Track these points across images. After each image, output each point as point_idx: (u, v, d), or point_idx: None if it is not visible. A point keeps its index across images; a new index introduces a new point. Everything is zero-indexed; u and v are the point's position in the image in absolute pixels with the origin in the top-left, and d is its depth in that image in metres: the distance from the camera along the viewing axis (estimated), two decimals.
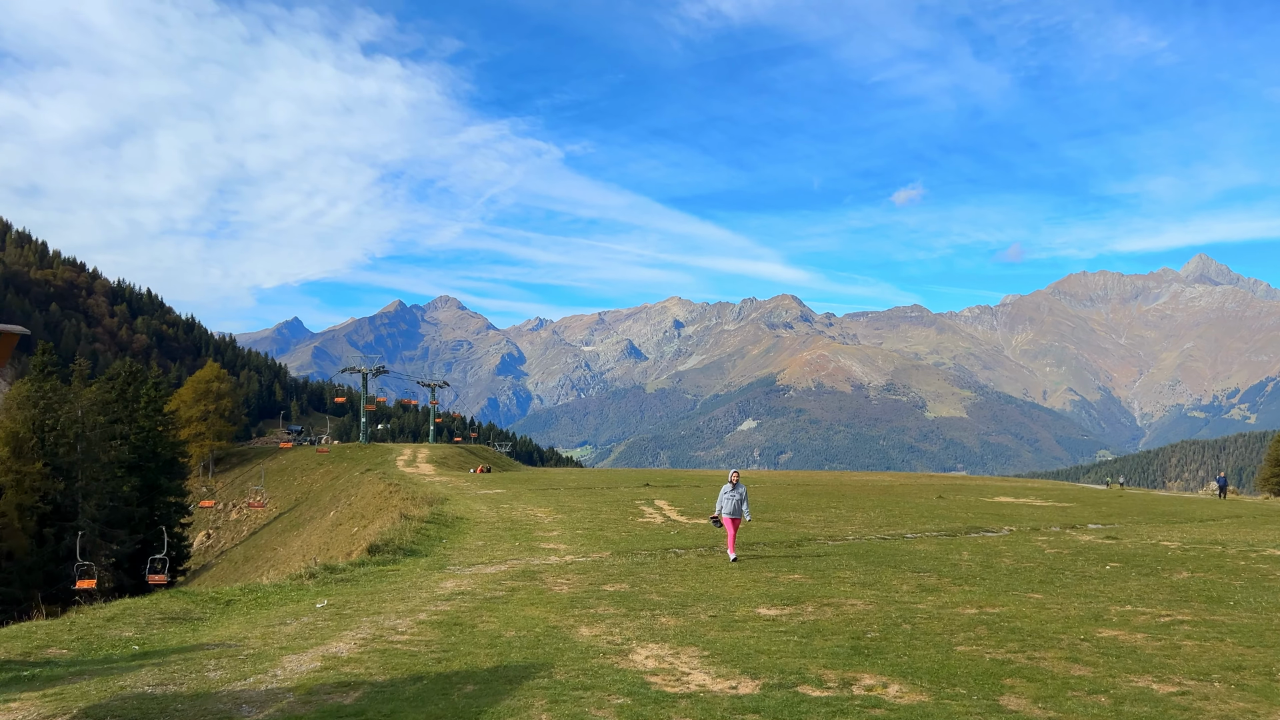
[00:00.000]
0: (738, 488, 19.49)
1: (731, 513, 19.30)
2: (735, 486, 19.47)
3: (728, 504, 19.27)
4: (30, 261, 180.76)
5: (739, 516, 19.41)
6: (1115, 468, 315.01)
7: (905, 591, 14.54)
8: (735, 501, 19.31)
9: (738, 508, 19.34)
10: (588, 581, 15.36)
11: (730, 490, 19.42)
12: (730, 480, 19.70)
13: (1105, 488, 76.07)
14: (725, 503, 19.32)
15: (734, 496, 19.33)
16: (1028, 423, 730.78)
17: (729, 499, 19.30)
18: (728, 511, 19.28)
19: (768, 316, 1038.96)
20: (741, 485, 19.64)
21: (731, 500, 19.30)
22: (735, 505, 19.31)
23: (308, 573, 15.23)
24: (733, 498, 19.31)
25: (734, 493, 19.36)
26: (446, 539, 22.15)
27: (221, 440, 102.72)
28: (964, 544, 22.41)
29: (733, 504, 19.28)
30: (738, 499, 19.35)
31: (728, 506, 19.27)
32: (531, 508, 33.01)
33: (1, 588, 54.08)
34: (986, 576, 16.43)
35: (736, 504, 19.32)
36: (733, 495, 19.33)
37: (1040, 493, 51.99)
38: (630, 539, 22.77)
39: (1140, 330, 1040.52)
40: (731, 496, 19.32)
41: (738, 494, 19.39)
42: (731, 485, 19.49)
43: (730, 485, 19.50)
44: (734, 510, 19.31)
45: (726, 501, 19.29)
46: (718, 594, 14.09)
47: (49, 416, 61.81)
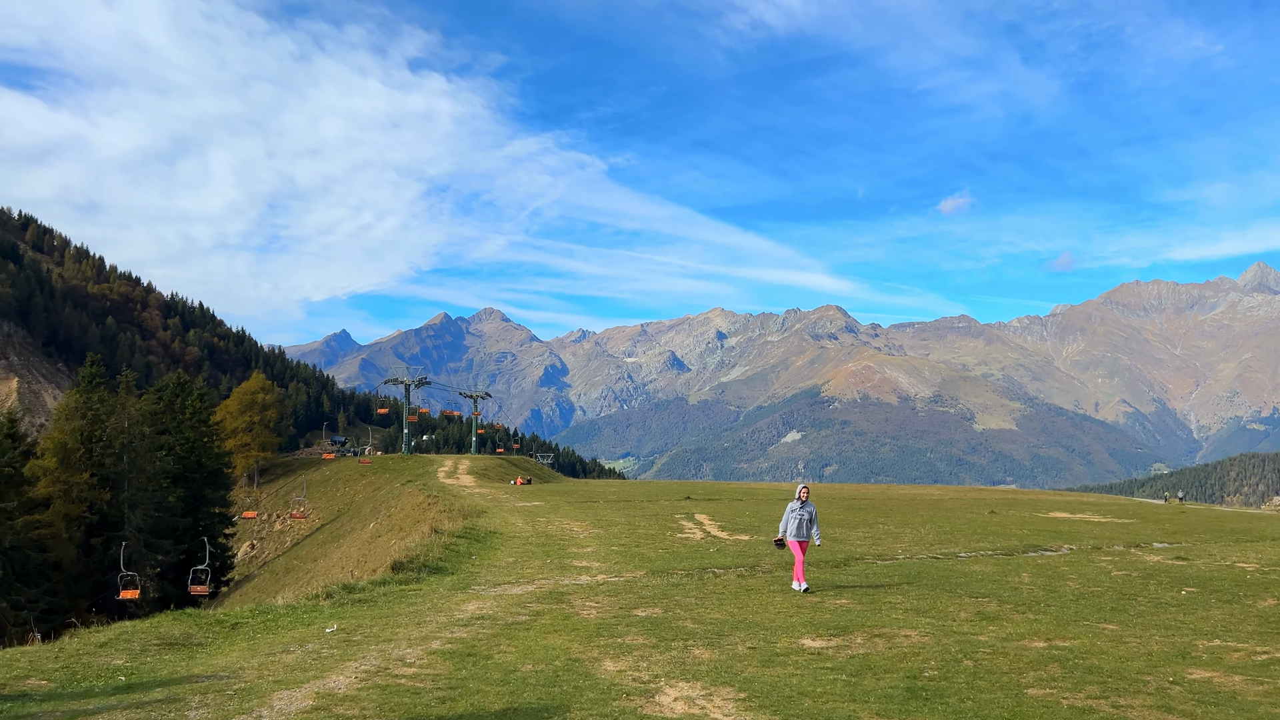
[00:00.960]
0: (806, 505, 17.18)
1: (798, 534, 17.07)
2: (804, 504, 17.17)
3: (794, 524, 17.04)
4: (88, 276, 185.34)
5: (807, 539, 17.14)
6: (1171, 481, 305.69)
7: (963, 620, 13.32)
8: (803, 521, 17.10)
9: (805, 528, 17.12)
10: (618, 605, 14.35)
11: (798, 508, 17.12)
12: (798, 496, 17.32)
13: (1164, 503, 73.18)
14: (791, 523, 17.08)
15: (802, 515, 17.08)
16: (1079, 435, 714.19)
17: (795, 518, 17.06)
18: (793, 533, 17.07)
19: (812, 327, 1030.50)
20: (811, 503, 17.31)
21: (798, 520, 17.07)
22: (802, 526, 17.09)
23: (324, 593, 14.45)
24: (800, 517, 17.08)
25: (802, 511, 17.10)
26: (476, 555, 21.31)
27: (266, 451, 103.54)
28: (1023, 564, 21.01)
29: (800, 524, 17.08)
30: (806, 518, 17.11)
31: (793, 527, 17.04)
32: (568, 521, 32.13)
33: (48, 598, 54.51)
34: (1051, 603, 15.11)
35: (804, 524, 17.11)
36: (800, 514, 17.08)
37: (1097, 508, 49.94)
38: (667, 557, 21.73)
39: (1196, 340, 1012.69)
40: (799, 515, 17.07)
41: (806, 513, 17.12)
42: (799, 502, 17.17)
43: (798, 502, 17.18)
44: (801, 531, 17.10)
45: (793, 521, 17.06)
46: (758, 621, 12.99)
47: (97, 427, 62.50)
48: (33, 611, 51.93)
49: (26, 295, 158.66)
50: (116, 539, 58.69)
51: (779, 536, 17.37)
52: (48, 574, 56.20)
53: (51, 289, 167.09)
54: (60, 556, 57.89)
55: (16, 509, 52.84)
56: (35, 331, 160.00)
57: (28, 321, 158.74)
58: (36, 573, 54.70)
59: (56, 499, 59.17)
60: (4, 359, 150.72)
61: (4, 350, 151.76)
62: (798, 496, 17.29)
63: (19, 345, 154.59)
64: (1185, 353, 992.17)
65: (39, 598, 53.32)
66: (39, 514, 55.06)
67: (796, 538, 17.02)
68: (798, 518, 17.02)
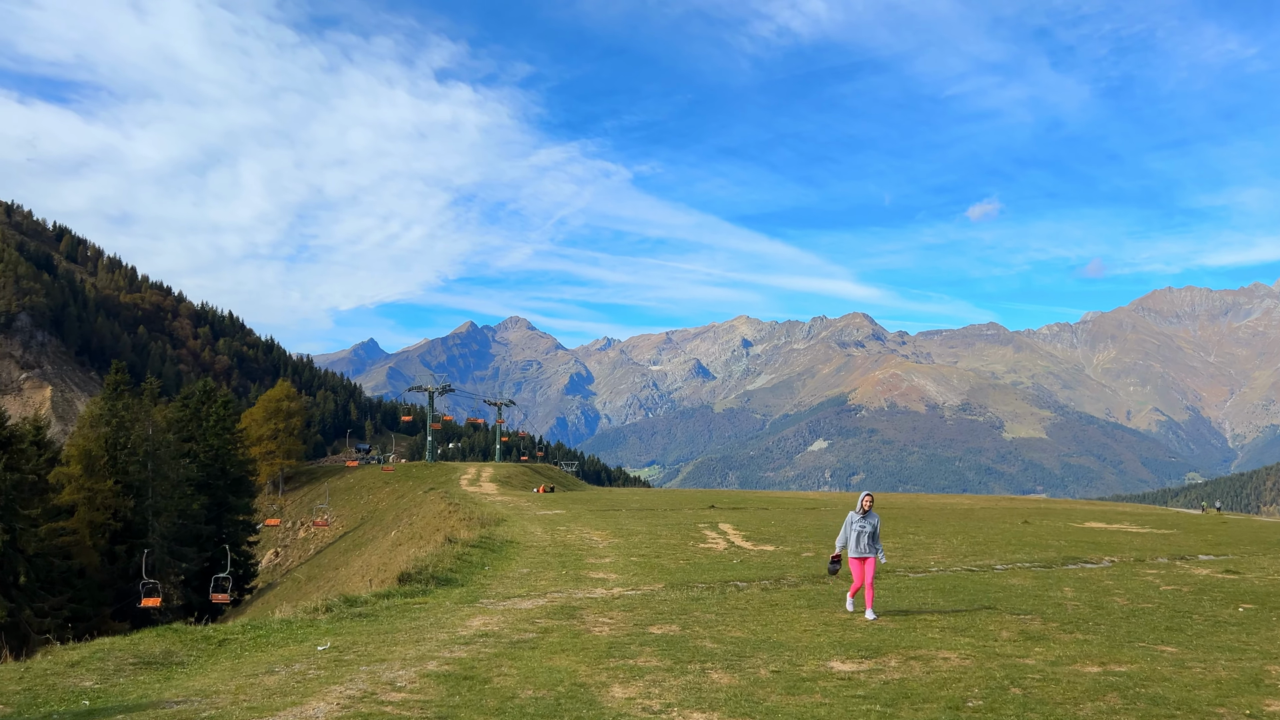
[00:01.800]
0: (869, 516, 14.56)
1: (861, 551, 14.37)
2: (867, 515, 14.56)
3: (855, 539, 14.47)
4: (120, 286, 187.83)
5: (871, 556, 14.45)
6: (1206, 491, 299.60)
7: (1006, 640, 12.29)
8: (864, 534, 14.35)
9: (868, 543, 14.36)
10: (633, 621, 13.40)
11: (859, 519, 14.48)
12: (860, 506, 14.64)
13: (1201, 513, 71.20)
14: (851, 536, 14.53)
15: (863, 528, 14.38)
16: (1111, 444, 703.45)
17: (857, 531, 14.43)
18: (855, 550, 14.44)
19: (838, 335, 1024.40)
20: (875, 514, 14.70)
21: (859, 532, 14.40)
22: (864, 539, 14.34)
23: (323, 606, 13.69)
24: (861, 530, 14.38)
25: (864, 523, 14.41)
26: (490, 566, 20.51)
27: (291, 459, 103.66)
28: (1063, 578, 19.87)
29: (860, 538, 14.36)
30: (869, 531, 14.37)
31: (855, 542, 14.48)
32: (588, 530, 31.32)
33: (73, 605, 54.41)
34: (1101, 621, 14.02)
35: (866, 538, 14.35)
36: (863, 526, 14.40)
37: (1134, 518, 48.45)
38: (688, 568, 20.80)
39: (1231, 348, 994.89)
40: (861, 528, 14.39)
41: (869, 525, 14.44)
42: (861, 513, 14.54)
43: (859, 513, 14.56)
44: (862, 546, 14.36)
45: (853, 535, 14.50)
46: (782, 640, 12.00)
47: (121, 434, 62.54)
48: (56, 619, 51.84)
49: (60, 305, 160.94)
50: (140, 546, 58.60)
51: (835, 554, 15.07)
52: (72, 581, 56.11)
53: (85, 299, 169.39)
54: (84, 564, 57.83)
55: (41, 516, 52.82)
56: (68, 340, 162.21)
57: (61, 331, 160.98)
58: (60, 580, 54.66)
59: (81, 506, 59.19)
60: (38, 368, 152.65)
61: (38, 359, 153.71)
62: (859, 506, 14.72)
63: (53, 354, 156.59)
64: (1219, 360, 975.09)
65: (63, 605, 53.22)
66: (63, 521, 55.05)
67: (857, 554, 14.55)
68: (858, 530, 14.52)
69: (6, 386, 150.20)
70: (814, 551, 25.06)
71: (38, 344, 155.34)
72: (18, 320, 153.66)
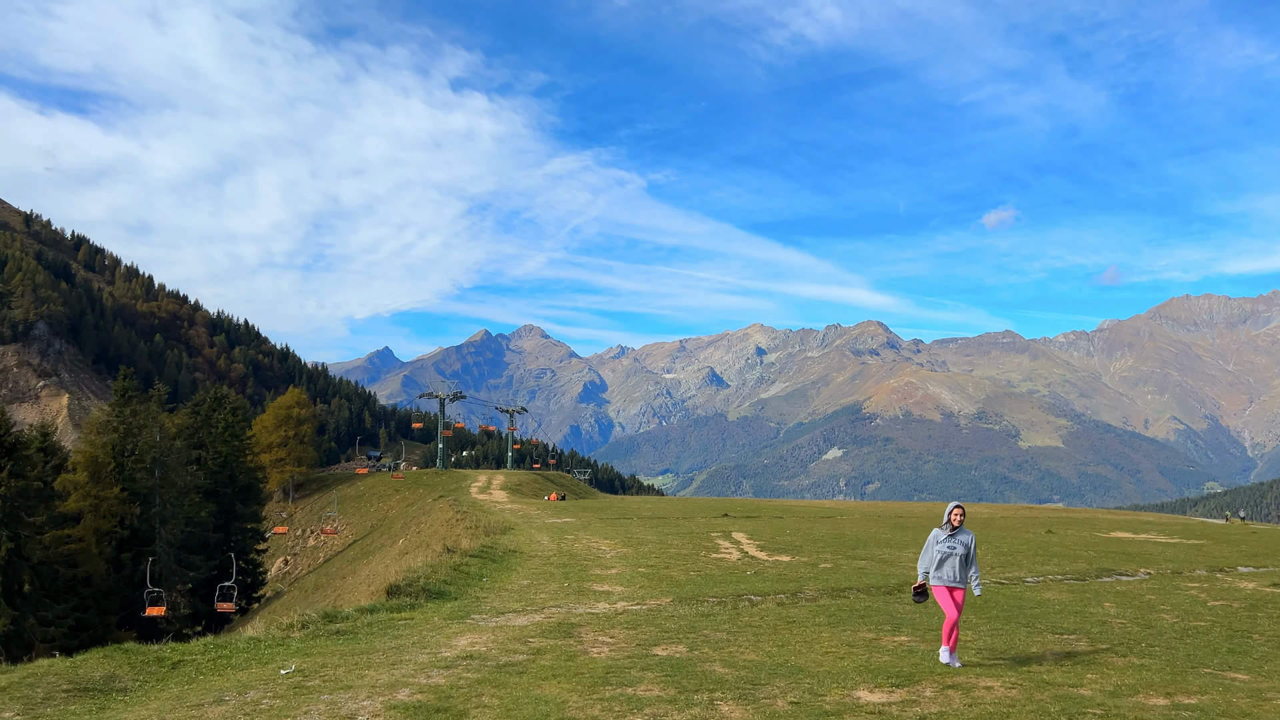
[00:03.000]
0: (959, 534, 11.27)
1: (952, 579, 11.17)
2: (956, 532, 11.29)
3: (941, 562, 11.20)
4: (137, 294, 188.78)
5: (963, 585, 11.26)
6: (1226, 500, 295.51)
7: (1052, 663, 10.99)
8: (954, 558, 11.18)
9: (959, 570, 11.19)
10: (635, 641, 12.09)
11: (945, 538, 11.28)
12: (949, 521, 11.37)
13: (1225, 522, 69.47)
14: (937, 560, 11.22)
15: (953, 550, 11.18)
16: (1128, 453, 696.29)
17: (943, 553, 11.18)
18: (944, 576, 11.20)
19: (852, 343, 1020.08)
20: (968, 531, 11.44)
21: (949, 556, 11.17)
22: (954, 564, 11.18)
23: (299, 622, 12.54)
24: (951, 551, 11.18)
25: (952, 542, 11.22)
26: (488, 577, 19.32)
27: (302, 466, 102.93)
28: (1102, 592, 18.53)
29: (952, 563, 11.16)
30: (960, 555, 11.19)
31: (943, 568, 11.19)
32: (597, 539, 30.14)
33: (77, 614, 53.76)
34: (1154, 642, 12.71)
35: (957, 563, 11.19)
36: (951, 547, 11.20)
37: (1161, 527, 46.84)
38: (699, 580, 19.54)
39: (1250, 356, 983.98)
40: (949, 549, 11.19)
41: (960, 546, 11.21)
42: (949, 529, 11.30)
43: (946, 529, 11.33)
44: (953, 573, 11.17)
45: (939, 558, 11.20)
46: (801, 665, 10.71)
47: (129, 441, 61.90)
48: (61, 628, 51.17)
49: (78, 314, 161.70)
50: (147, 554, 57.86)
51: (918, 583, 11.51)
52: (77, 590, 55.48)
53: (102, 307, 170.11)
54: (90, 572, 57.16)
55: (46, 524, 52.18)
56: (86, 349, 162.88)
57: (79, 339, 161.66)
58: (65, 588, 54.01)
59: (87, 514, 58.53)
60: (55, 376, 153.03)
61: (55, 367, 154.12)
62: (947, 520, 11.42)
63: (70, 362, 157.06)
64: (1238, 368, 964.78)
65: (67, 614, 52.54)
66: (69, 529, 54.35)
67: (947, 582, 11.17)
68: (944, 552, 11.17)
69: (24, 395, 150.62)
70: (831, 563, 23.79)
71: (55, 352, 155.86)
72: (35, 329, 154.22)
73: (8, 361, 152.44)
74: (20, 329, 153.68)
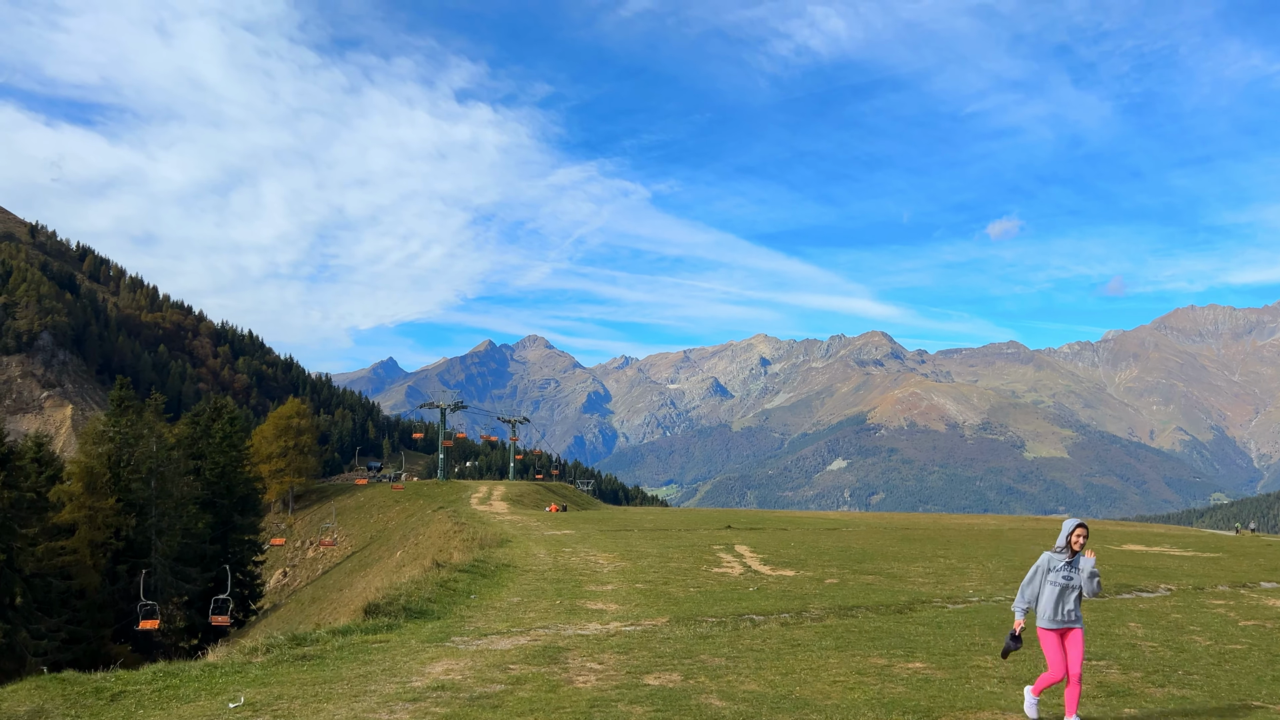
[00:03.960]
0: (1078, 563, 8.97)
1: (1062, 618, 8.93)
2: (1075, 560, 8.98)
3: (1051, 597, 8.97)
4: (142, 305, 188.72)
5: (1078, 625, 9.01)
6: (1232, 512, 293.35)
7: (1084, 695, 10.05)
8: (1073, 595, 8.99)
9: (1073, 605, 8.99)
10: (626, 668, 11.08)
11: (1062, 566, 8.98)
12: (1067, 542, 9.04)
13: (1235, 534, 68.38)
14: (1045, 593, 9.02)
15: (1069, 580, 8.95)
16: (1134, 463, 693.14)
17: (1059, 585, 8.94)
18: (1052, 615, 8.98)
19: (857, 354, 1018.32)
20: (1089, 558, 9.03)
21: (1065, 588, 8.95)
22: (1073, 602, 8.99)
23: (263, 646, 11.59)
24: (1067, 582, 8.95)
25: (1069, 571, 8.95)
26: (477, 594, 18.36)
27: (301, 477, 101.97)
28: (1125, 611, 17.53)
29: (1066, 599, 8.96)
30: (1077, 587, 9.00)
31: (1051, 603, 8.98)
32: (595, 552, 29.20)
33: (71, 627, 52.95)
34: (1191, 669, 11.72)
35: (1074, 600, 9.01)
36: (1067, 577, 8.94)
37: (1174, 540, 45.72)
38: (698, 597, 18.57)
39: (1256, 366, 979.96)
40: (1065, 579, 8.94)
41: (1078, 576, 8.98)
42: (1068, 554, 8.99)
43: (1064, 552, 9.01)
44: (1067, 612, 8.94)
45: (1048, 590, 9.00)
46: (807, 697, 9.72)
47: (125, 451, 61.10)
48: (54, 641, 50.31)
49: (83, 324, 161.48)
50: (142, 566, 57.01)
51: (1017, 624, 9.21)
52: (70, 602, 54.67)
53: (106, 318, 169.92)
54: (84, 584, 56.36)
55: (39, 535, 51.39)
56: (90, 359, 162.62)
57: (83, 350, 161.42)
58: (59, 601, 53.20)
59: (82, 525, 57.72)
60: (59, 387, 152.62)
61: (59, 378, 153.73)
62: (1065, 541, 9.07)
63: (74, 373, 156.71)
64: (1244, 379, 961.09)
65: (60, 627, 51.71)
66: (63, 540, 53.54)
67: (1054, 622, 8.95)
68: (1060, 584, 8.92)
69: (28, 405, 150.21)
70: (838, 578, 22.79)
71: (59, 363, 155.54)
72: (40, 339, 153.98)
73: (11, 372, 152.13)
74: (24, 340, 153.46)
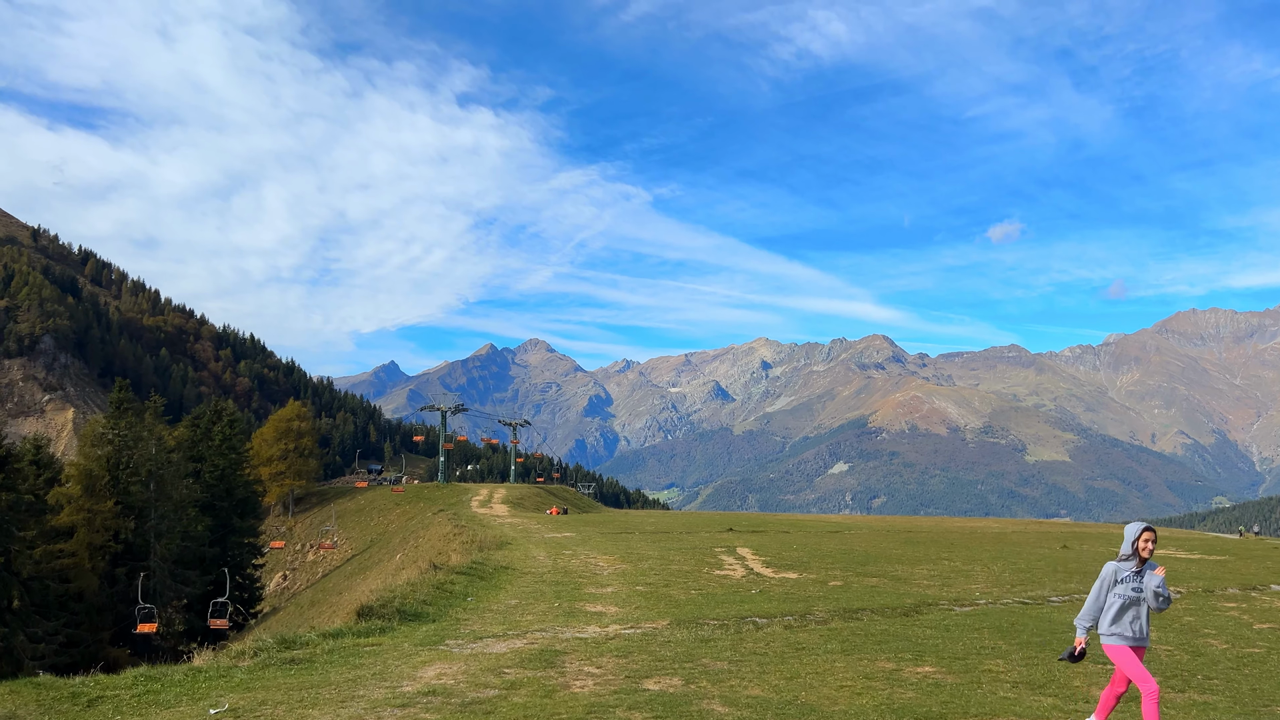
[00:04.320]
0: (1146, 575, 8.07)
1: (1134, 633, 8.04)
2: (1143, 570, 8.09)
3: (1122, 611, 8.06)
4: (144, 309, 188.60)
5: (1144, 643, 8.12)
6: (1234, 515, 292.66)
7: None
8: (1143, 610, 8.09)
9: (1143, 621, 8.10)
10: (625, 672, 10.71)
11: (1130, 576, 8.06)
12: (1133, 550, 8.11)
13: (1239, 537, 68.06)
14: (1116, 607, 8.07)
15: (1138, 594, 8.03)
16: (1135, 467, 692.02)
17: (1125, 598, 8.05)
18: (1124, 631, 8.07)
19: (858, 357, 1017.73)
20: (1158, 574, 8.09)
21: (1134, 603, 8.05)
22: (1144, 616, 8.10)
23: (251, 649, 11.22)
24: (1136, 595, 8.03)
25: (1137, 583, 8.04)
26: (474, 596, 17.99)
27: (301, 479, 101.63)
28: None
29: (1137, 614, 8.07)
30: (1148, 600, 8.08)
31: (1123, 619, 8.07)
32: (595, 555, 28.85)
33: (69, 630, 52.67)
34: (1210, 673, 11.35)
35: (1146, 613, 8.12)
36: (1136, 589, 8.04)
37: (1180, 543, 45.35)
38: (700, 600, 18.19)
39: (1257, 370, 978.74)
40: (1133, 593, 8.03)
41: (1146, 589, 8.05)
42: (1136, 561, 8.08)
43: (1132, 559, 8.10)
44: (1138, 628, 8.05)
45: (1119, 605, 8.07)
46: (813, 702, 9.34)
47: (124, 454, 60.79)
48: (51, 644, 50.02)
49: (84, 328, 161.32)
50: (141, 569, 56.68)
51: (1078, 642, 8.26)
52: (68, 605, 54.39)
53: (108, 321, 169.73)
54: (82, 587, 56.06)
55: (37, 538, 51.11)
56: (91, 363, 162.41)
57: (84, 353, 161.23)
58: (57, 604, 52.93)
59: (80, 527, 57.43)
60: (60, 390, 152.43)
61: (61, 381, 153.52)
62: (1132, 547, 8.13)
63: (75, 376, 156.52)
64: (1245, 383, 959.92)
65: (58, 630, 51.42)
66: (61, 543, 53.24)
67: (1130, 639, 8.05)
68: (1127, 597, 8.03)
69: (29, 408, 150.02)
70: (841, 580, 22.42)
71: (61, 366, 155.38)
72: (41, 343, 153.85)
73: (13, 375, 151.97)
74: (26, 343, 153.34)
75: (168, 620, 59.77)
